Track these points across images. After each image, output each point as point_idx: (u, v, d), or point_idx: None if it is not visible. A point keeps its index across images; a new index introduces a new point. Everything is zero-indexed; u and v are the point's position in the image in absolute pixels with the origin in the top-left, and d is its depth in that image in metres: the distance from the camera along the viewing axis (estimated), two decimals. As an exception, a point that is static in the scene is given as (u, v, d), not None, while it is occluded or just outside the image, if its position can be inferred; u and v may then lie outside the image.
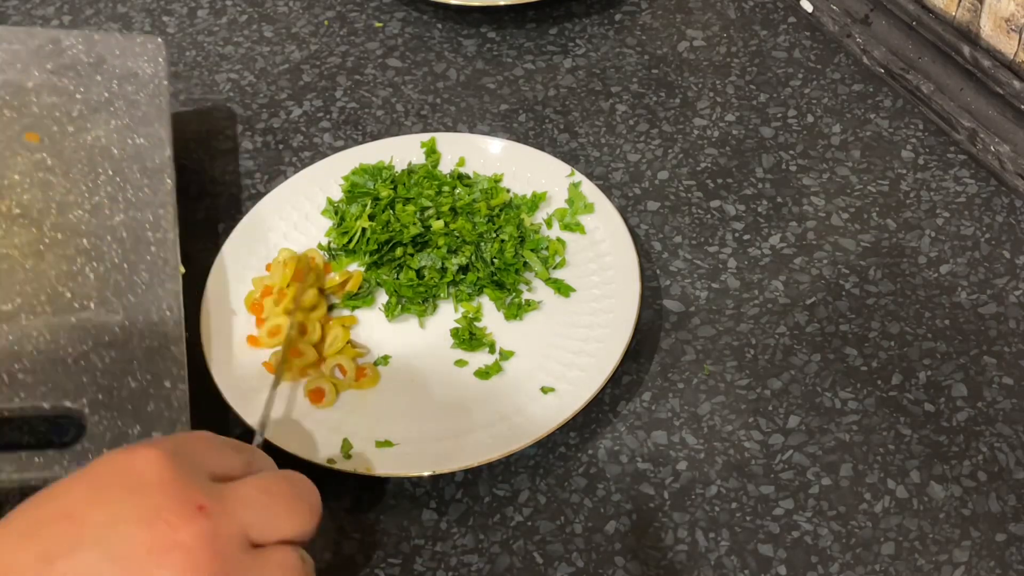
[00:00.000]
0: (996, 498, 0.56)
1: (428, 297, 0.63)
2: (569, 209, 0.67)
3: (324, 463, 0.55)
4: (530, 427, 0.56)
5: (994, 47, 0.71)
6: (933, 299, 0.64)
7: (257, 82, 0.79)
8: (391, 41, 0.81)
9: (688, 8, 0.83)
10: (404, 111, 0.76)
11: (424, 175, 0.68)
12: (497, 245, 0.64)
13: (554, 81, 0.78)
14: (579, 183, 0.67)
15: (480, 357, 0.61)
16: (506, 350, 0.61)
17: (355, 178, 0.68)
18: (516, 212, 0.66)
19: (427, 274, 0.63)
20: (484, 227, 0.65)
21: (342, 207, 0.67)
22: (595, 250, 0.65)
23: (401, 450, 0.56)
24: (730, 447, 0.58)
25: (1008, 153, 0.69)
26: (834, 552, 0.54)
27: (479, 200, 0.66)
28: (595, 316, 0.62)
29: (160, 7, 0.85)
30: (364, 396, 0.59)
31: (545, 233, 0.66)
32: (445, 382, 0.60)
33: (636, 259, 0.63)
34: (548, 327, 0.62)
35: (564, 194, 0.68)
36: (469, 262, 0.64)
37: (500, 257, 0.64)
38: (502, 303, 0.63)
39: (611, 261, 0.64)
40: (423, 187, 0.67)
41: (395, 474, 0.55)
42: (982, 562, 0.53)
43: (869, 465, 0.57)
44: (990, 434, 0.58)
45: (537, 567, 0.54)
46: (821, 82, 0.77)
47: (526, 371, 0.60)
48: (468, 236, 0.64)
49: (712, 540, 0.55)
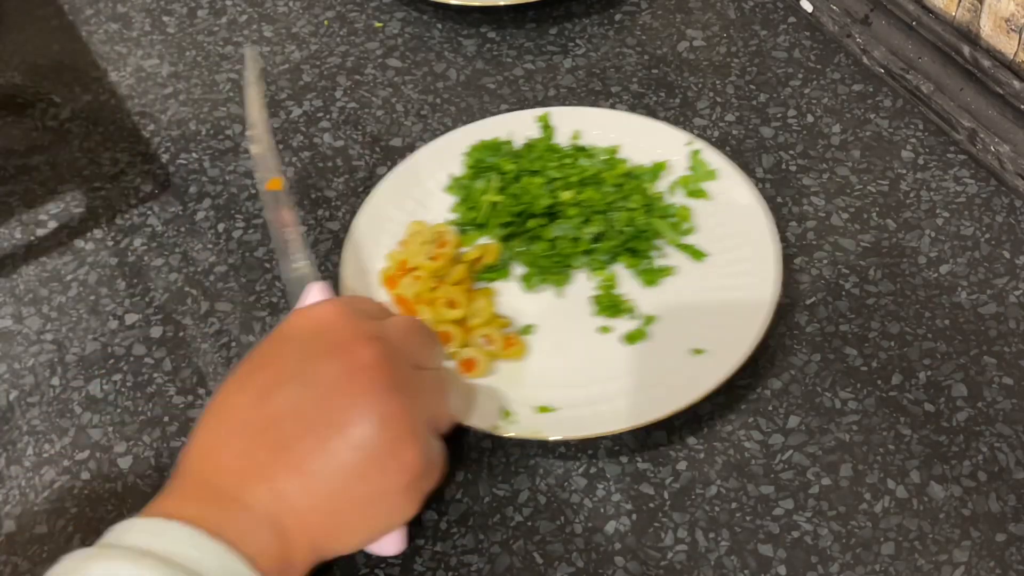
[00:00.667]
0: (996, 498, 0.56)
1: (564, 267, 0.64)
2: (692, 176, 0.68)
3: (489, 430, 0.56)
4: (688, 387, 0.57)
5: (994, 47, 0.71)
6: (933, 299, 0.64)
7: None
8: (391, 41, 0.81)
9: (688, 8, 0.83)
10: (404, 111, 0.76)
11: (545, 148, 0.69)
12: (627, 214, 0.65)
13: (554, 81, 0.78)
14: (699, 151, 0.68)
15: (623, 323, 0.62)
16: (648, 315, 0.62)
17: (478, 154, 0.69)
18: (639, 181, 0.67)
19: (560, 244, 0.64)
20: (613, 196, 0.66)
21: (465, 183, 0.68)
22: (722, 215, 0.66)
23: (563, 415, 0.57)
24: (730, 447, 0.58)
25: (1008, 153, 0.69)
26: (834, 552, 0.54)
27: (604, 170, 0.67)
28: (735, 278, 0.62)
29: (160, 7, 0.85)
30: (513, 365, 0.60)
31: (669, 201, 0.67)
32: (592, 348, 0.61)
33: (767, 220, 0.64)
34: (686, 291, 0.63)
35: (682, 162, 0.69)
36: (602, 231, 0.64)
37: (632, 225, 0.65)
38: (638, 270, 0.64)
39: (741, 225, 0.65)
40: (547, 160, 0.68)
41: (565, 437, 0.56)
42: (982, 562, 0.53)
43: (869, 465, 0.57)
44: (990, 434, 0.58)
45: (537, 567, 0.54)
46: (821, 82, 0.77)
47: (673, 334, 0.61)
48: (598, 206, 0.65)
49: (712, 540, 0.54)
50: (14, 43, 0.82)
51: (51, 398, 0.61)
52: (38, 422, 0.60)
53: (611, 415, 0.57)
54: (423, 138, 0.74)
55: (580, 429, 0.56)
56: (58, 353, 0.63)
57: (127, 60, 0.81)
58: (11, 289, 0.67)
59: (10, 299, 0.66)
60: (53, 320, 0.65)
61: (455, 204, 0.68)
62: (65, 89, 0.79)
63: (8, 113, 0.77)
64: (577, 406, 0.58)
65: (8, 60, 0.81)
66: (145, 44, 0.82)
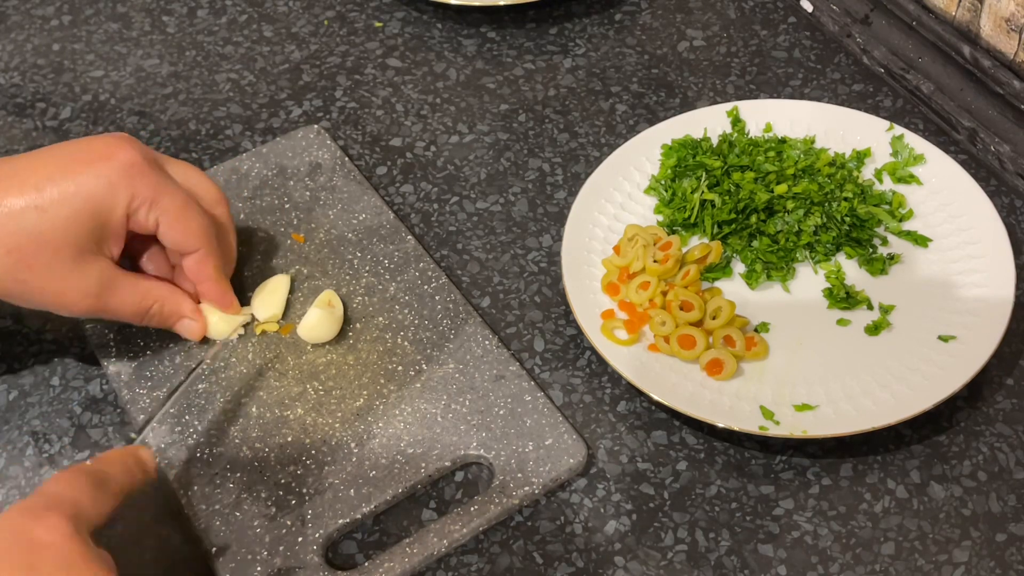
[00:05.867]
0: (996, 498, 0.56)
1: (788, 261, 0.63)
2: (898, 162, 0.67)
3: (757, 431, 0.55)
4: (945, 374, 0.57)
5: (994, 47, 0.71)
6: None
7: (257, 82, 0.79)
8: (391, 41, 0.81)
9: (688, 8, 0.83)
10: (404, 111, 0.76)
11: (747, 143, 0.69)
12: (845, 204, 0.64)
13: (554, 81, 0.78)
14: (901, 136, 0.68)
15: (860, 314, 0.61)
16: (885, 304, 0.61)
17: (676, 153, 0.68)
18: (847, 170, 0.67)
19: (782, 239, 0.64)
20: (828, 186, 0.65)
21: (667, 183, 0.67)
22: (938, 199, 0.66)
23: (824, 411, 0.56)
24: (730, 447, 0.58)
25: (1008, 153, 0.69)
26: (834, 552, 0.54)
27: (814, 161, 0.67)
28: (967, 262, 0.62)
29: (160, 7, 0.85)
30: (756, 364, 0.59)
31: (879, 188, 0.67)
32: (835, 342, 0.60)
33: (987, 200, 0.64)
34: (917, 277, 0.63)
35: (882, 148, 0.68)
36: (823, 222, 0.64)
37: (851, 214, 0.64)
38: (864, 259, 0.63)
39: (960, 207, 0.65)
40: (753, 155, 0.68)
41: (830, 434, 0.55)
42: (982, 562, 0.53)
43: (869, 465, 0.57)
44: (990, 434, 0.58)
45: (537, 567, 0.54)
46: (821, 82, 0.77)
47: (915, 322, 0.60)
48: (815, 197, 0.65)
49: (712, 540, 0.54)
50: (14, 43, 0.82)
51: (51, 398, 0.61)
52: (38, 422, 0.60)
53: (874, 408, 0.56)
54: (423, 138, 0.74)
55: (848, 425, 0.55)
56: (58, 353, 0.63)
57: (127, 60, 0.81)
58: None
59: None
60: (53, 320, 0.65)
61: (657, 205, 0.67)
62: (65, 89, 0.79)
63: (8, 113, 0.77)
64: (836, 402, 0.57)
65: (8, 60, 0.81)
66: (145, 44, 0.82)
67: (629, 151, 0.69)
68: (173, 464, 0.56)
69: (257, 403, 0.58)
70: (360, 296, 0.63)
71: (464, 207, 0.70)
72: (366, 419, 0.58)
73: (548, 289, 0.65)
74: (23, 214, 0.52)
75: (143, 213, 0.55)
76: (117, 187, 0.54)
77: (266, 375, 0.60)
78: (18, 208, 0.52)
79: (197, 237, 0.57)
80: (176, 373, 0.60)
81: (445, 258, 0.67)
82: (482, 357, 0.60)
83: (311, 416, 0.58)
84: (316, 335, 0.60)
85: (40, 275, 0.53)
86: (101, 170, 0.54)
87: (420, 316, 0.62)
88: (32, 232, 0.52)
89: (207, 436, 0.57)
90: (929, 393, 0.56)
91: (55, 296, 0.54)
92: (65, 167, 0.53)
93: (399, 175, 0.72)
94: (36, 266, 0.53)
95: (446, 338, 0.61)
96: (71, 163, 0.54)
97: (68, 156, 0.54)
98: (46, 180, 0.53)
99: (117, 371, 0.60)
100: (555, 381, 0.61)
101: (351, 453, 0.56)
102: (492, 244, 0.68)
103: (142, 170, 0.55)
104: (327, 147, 0.71)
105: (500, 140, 0.74)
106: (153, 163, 0.56)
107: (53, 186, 0.53)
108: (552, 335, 0.63)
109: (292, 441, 0.57)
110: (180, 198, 0.56)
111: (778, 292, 0.63)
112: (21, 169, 0.53)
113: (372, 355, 0.60)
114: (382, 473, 0.55)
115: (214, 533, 0.53)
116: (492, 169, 0.72)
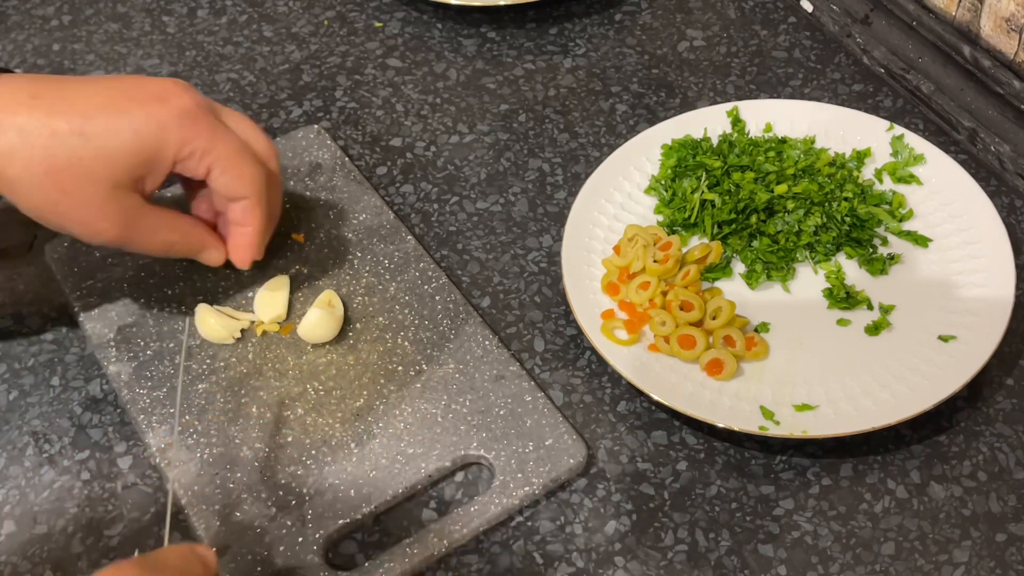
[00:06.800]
0: (996, 498, 0.56)
1: (788, 261, 0.64)
2: (898, 162, 0.68)
3: (757, 431, 0.55)
4: (945, 374, 0.57)
5: (994, 47, 0.71)
6: (933, 299, 0.64)
7: (257, 82, 0.79)
8: (391, 41, 0.81)
9: (688, 8, 0.83)
10: (404, 111, 0.76)
11: (747, 143, 0.68)
12: (845, 204, 0.65)
13: (554, 81, 0.78)
14: (901, 135, 0.68)
15: (860, 314, 0.61)
16: (885, 304, 0.61)
17: (676, 153, 0.68)
18: (846, 170, 0.67)
19: (782, 239, 0.64)
20: (828, 186, 0.65)
21: (667, 182, 0.67)
22: (938, 199, 0.66)
23: (824, 412, 0.56)
24: (730, 447, 0.58)
25: (1008, 153, 0.69)
26: (834, 552, 0.54)
27: (814, 161, 0.67)
28: (967, 262, 0.62)
29: (160, 7, 0.85)
30: (756, 364, 0.59)
31: (879, 188, 0.67)
32: (835, 342, 0.60)
33: (988, 200, 0.64)
34: (917, 277, 0.63)
35: (882, 149, 0.68)
36: (823, 222, 0.64)
37: (851, 214, 0.64)
38: (864, 259, 0.63)
39: (960, 207, 0.65)
40: (753, 155, 0.68)
41: (830, 434, 0.55)
42: (982, 562, 0.53)
43: (869, 465, 0.57)
44: (990, 434, 0.58)
45: (537, 567, 0.54)
46: (821, 82, 0.77)
47: (916, 322, 0.60)
48: (816, 197, 0.65)
49: (712, 540, 0.54)
50: (14, 43, 0.82)
51: (51, 398, 0.61)
52: (38, 422, 0.60)
53: (874, 408, 0.56)
54: (423, 138, 0.74)
55: (848, 425, 0.55)
56: (58, 353, 0.63)
57: (127, 60, 0.81)
58: (12, 289, 0.66)
59: (11, 298, 0.66)
60: (53, 320, 0.65)
61: (657, 205, 0.67)
62: (65, 89, 0.79)
63: (8, 113, 0.77)
64: (836, 402, 0.57)
65: (8, 60, 0.81)
66: (145, 44, 0.82)
67: (629, 151, 0.69)
68: (173, 464, 0.56)
69: (257, 403, 0.58)
70: (360, 296, 0.63)
71: (464, 207, 0.70)
72: (366, 419, 0.58)
73: (548, 289, 0.65)
74: (67, 137, 0.52)
75: (195, 160, 0.55)
76: (168, 132, 0.54)
77: (266, 375, 0.60)
78: (63, 131, 0.52)
79: (249, 185, 0.57)
80: (176, 373, 0.60)
81: (445, 258, 0.67)
82: (482, 357, 0.60)
83: (311, 416, 0.58)
84: (316, 335, 0.60)
85: (71, 199, 0.53)
86: (153, 112, 0.54)
87: (420, 316, 0.62)
88: (72, 157, 0.52)
89: (207, 436, 0.57)
90: (929, 393, 0.56)
91: (82, 223, 0.54)
92: (117, 101, 0.53)
93: (399, 175, 0.72)
94: (70, 190, 0.53)
95: (446, 338, 0.61)
96: (124, 99, 0.54)
97: (121, 91, 0.54)
98: (96, 109, 0.53)
99: (117, 371, 0.60)
100: (555, 381, 0.61)
101: (351, 453, 0.56)
102: (492, 244, 0.68)
103: (196, 117, 0.55)
104: (327, 147, 0.71)
105: (500, 140, 0.74)
106: (208, 110, 0.56)
107: (103, 117, 0.53)
108: (552, 335, 0.63)
109: (292, 441, 0.57)
110: (235, 145, 0.56)
111: (778, 292, 0.63)
112: (71, 93, 0.53)
113: (372, 355, 0.60)
114: (382, 473, 0.55)
115: (214, 533, 0.53)
116: (492, 169, 0.72)
